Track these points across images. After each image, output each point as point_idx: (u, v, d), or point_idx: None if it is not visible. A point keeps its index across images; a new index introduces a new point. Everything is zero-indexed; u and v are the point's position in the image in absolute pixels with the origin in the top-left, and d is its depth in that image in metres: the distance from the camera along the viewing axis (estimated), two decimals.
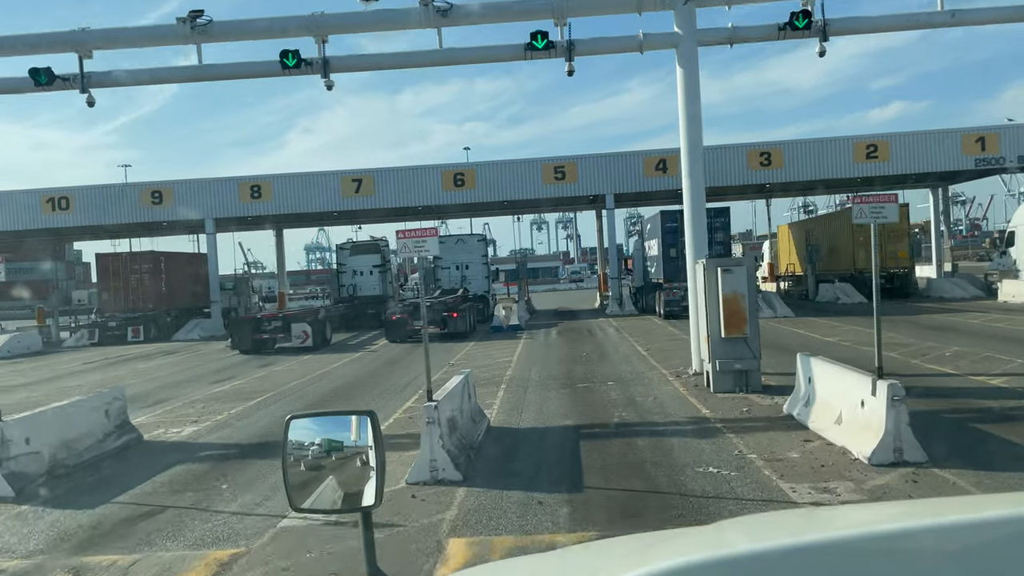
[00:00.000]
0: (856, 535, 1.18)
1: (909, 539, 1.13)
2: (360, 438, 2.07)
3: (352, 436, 2.08)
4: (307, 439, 2.10)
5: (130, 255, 36.58)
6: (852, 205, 9.25)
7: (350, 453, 2.08)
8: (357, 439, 2.08)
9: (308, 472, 2.08)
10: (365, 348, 24.93)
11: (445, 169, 36.05)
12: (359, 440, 2.07)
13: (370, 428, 2.06)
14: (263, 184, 36.13)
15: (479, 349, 22.15)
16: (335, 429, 2.13)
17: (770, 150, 35.15)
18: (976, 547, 1.10)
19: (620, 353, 19.39)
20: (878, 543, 1.12)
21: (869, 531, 1.18)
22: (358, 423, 2.08)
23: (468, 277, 36.16)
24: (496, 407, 12.66)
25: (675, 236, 28.43)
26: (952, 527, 1.14)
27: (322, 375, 18.45)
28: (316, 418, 2.23)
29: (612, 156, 35.89)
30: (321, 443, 2.09)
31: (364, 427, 2.07)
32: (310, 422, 2.17)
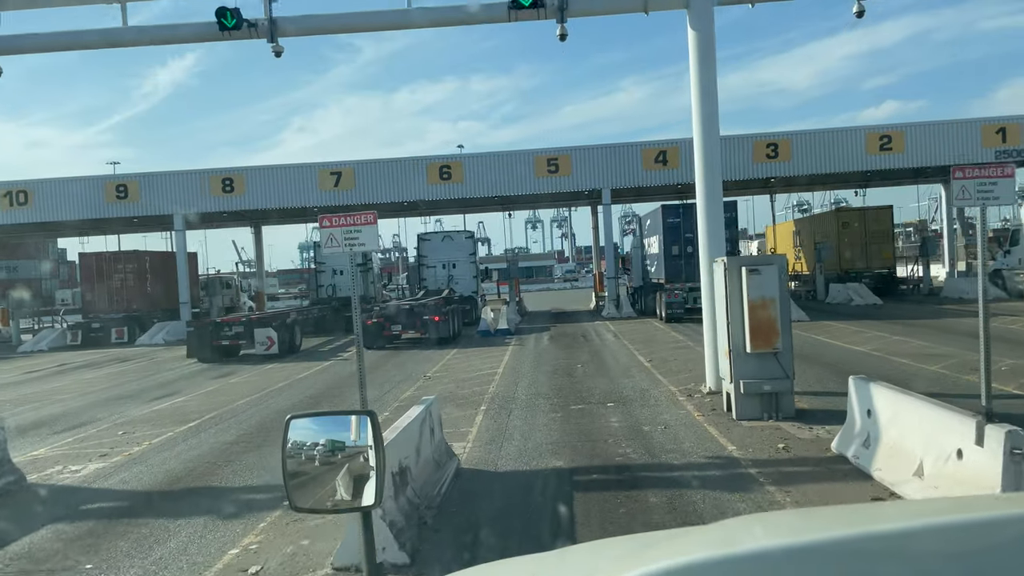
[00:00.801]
0: (857, 535, 1.16)
1: (911, 539, 1.12)
2: (360, 438, 2.08)
3: (352, 436, 2.09)
4: (307, 439, 2.10)
5: (114, 255, 35.00)
6: (952, 181, 6.96)
7: (350, 453, 2.07)
8: (357, 439, 2.08)
9: (308, 472, 2.08)
10: (337, 356, 22.60)
11: (431, 162, 33.72)
12: (359, 440, 2.08)
13: (370, 428, 2.07)
14: (236, 177, 33.77)
15: (462, 358, 19.85)
16: (335, 429, 2.14)
17: (777, 141, 32.91)
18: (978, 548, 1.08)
19: (620, 364, 17.10)
20: (880, 543, 1.11)
21: (871, 531, 1.16)
22: (358, 423, 2.09)
23: (455, 277, 33.85)
24: (471, 437, 10.36)
25: (677, 232, 26.19)
26: (954, 527, 1.13)
27: (281, 389, 16.12)
28: (316, 418, 2.21)
29: (609, 147, 33.59)
30: (321, 443, 2.09)
31: (364, 427, 2.08)
32: (310, 422, 2.16)
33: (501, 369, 17.05)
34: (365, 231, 6.77)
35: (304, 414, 2.15)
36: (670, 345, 19.98)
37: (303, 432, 2.12)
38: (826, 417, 10.35)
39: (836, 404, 11.30)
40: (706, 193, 13.19)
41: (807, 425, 9.97)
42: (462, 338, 24.98)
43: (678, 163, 32.88)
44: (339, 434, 2.10)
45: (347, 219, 6.79)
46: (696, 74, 12.97)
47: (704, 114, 13.06)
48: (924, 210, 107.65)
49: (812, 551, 1.12)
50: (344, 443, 2.09)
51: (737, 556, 1.12)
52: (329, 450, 2.08)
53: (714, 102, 13.24)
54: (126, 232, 44.00)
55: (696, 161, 13.45)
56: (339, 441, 2.09)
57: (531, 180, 33.40)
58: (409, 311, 23.02)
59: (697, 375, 14.22)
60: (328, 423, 2.22)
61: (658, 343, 20.69)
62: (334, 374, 18.20)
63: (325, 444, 2.09)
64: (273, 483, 8.73)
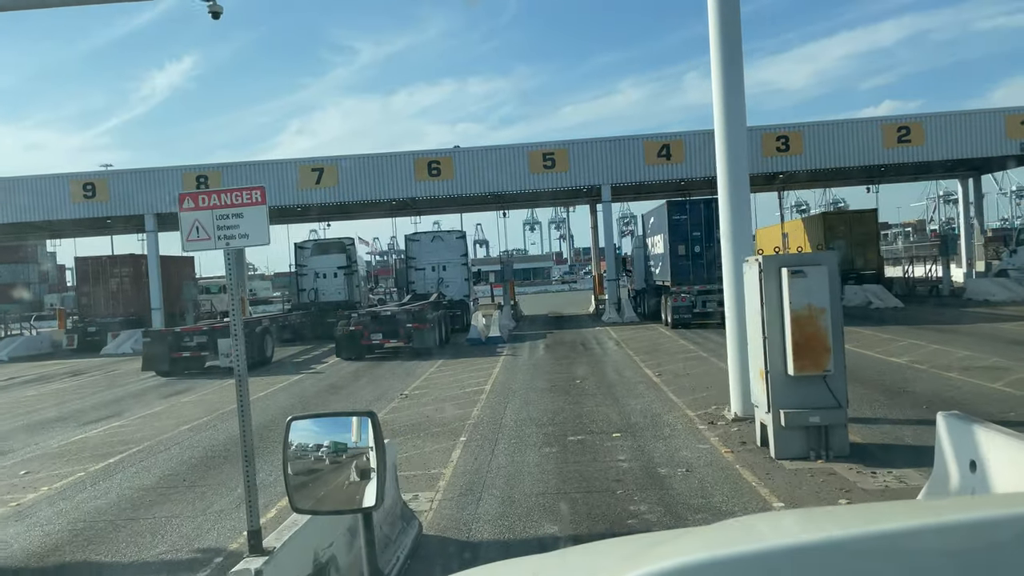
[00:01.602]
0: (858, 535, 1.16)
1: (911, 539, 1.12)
2: (361, 439, 2.06)
3: (353, 437, 2.08)
4: (308, 440, 2.09)
5: (110, 258, 33.73)
6: None
7: (351, 454, 2.06)
8: (358, 440, 2.07)
9: (309, 474, 2.07)
10: (310, 368, 20.46)
11: (419, 156, 31.61)
12: (360, 441, 2.07)
13: (371, 429, 2.05)
14: (211, 175, 31.57)
15: (447, 371, 17.71)
16: (336, 430, 2.12)
17: (788, 133, 30.80)
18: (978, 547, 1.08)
19: (624, 379, 14.97)
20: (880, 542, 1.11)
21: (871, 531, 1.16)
22: (359, 424, 2.08)
23: (445, 279, 31.73)
24: (443, 484, 8.23)
25: (684, 230, 24.08)
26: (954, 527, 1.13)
27: (233, 412, 13.93)
28: (317, 419, 2.19)
29: (608, 141, 31.50)
30: (322, 444, 2.08)
31: (365, 428, 2.06)
32: (311, 423, 2.15)
33: (489, 385, 14.92)
34: (248, 216, 4.59)
35: (305, 415, 2.14)
36: (680, 356, 17.85)
37: (304, 433, 2.11)
38: (888, 455, 8.24)
39: (896, 436, 9.21)
40: (731, 181, 11.11)
41: (868, 468, 7.84)
42: (450, 347, 22.85)
43: (682, 157, 30.83)
44: (340, 435, 2.10)
45: (221, 198, 4.62)
46: (717, 35, 10.88)
47: (726, 84, 10.98)
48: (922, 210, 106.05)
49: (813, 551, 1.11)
50: (345, 444, 2.07)
51: (739, 556, 1.10)
52: (330, 451, 2.08)
53: (739, 82, 11.17)
54: (96, 235, 41.74)
55: (718, 149, 11.39)
56: (340, 442, 2.08)
57: (526, 176, 31.32)
58: (390, 318, 20.89)
59: (717, 395, 12.11)
60: (329, 424, 2.19)
61: (666, 353, 18.56)
62: (298, 392, 16.05)
63: (326, 445, 2.08)
64: (174, 557, 6.63)
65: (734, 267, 10.73)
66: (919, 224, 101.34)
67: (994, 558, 1.08)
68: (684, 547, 1.21)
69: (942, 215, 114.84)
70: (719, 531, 1.37)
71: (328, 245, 33.07)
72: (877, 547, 1.11)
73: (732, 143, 11.05)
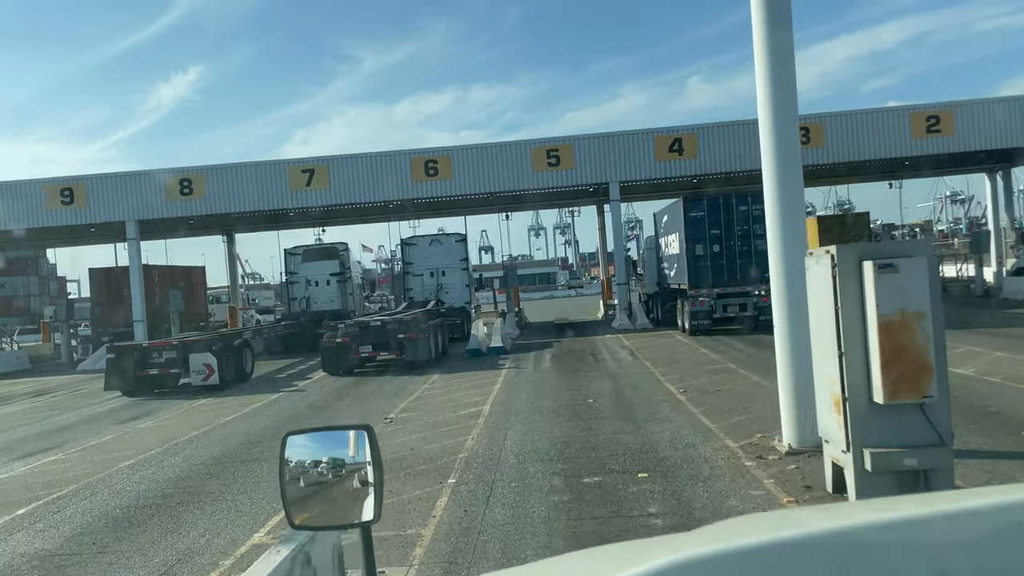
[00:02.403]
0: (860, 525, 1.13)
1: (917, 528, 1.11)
2: (358, 453, 2.03)
3: (350, 452, 2.05)
4: (304, 456, 2.06)
5: (123, 269, 32.53)
6: None
7: (348, 469, 2.03)
8: (355, 454, 2.04)
9: (306, 489, 2.04)
10: (292, 385, 18.47)
11: (415, 156, 29.68)
12: (357, 455, 2.03)
13: (368, 443, 2.02)
14: (194, 177, 29.76)
15: (441, 388, 15.72)
16: (333, 445, 2.09)
17: (809, 125, 28.68)
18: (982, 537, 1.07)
19: (644, 397, 12.94)
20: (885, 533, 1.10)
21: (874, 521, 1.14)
22: (356, 438, 2.05)
23: (445, 285, 29.79)
24: (419, 553, 6.22)
25: (702, 229, 22.04)
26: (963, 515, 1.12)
27: (189, 441, 11.98)
28: (313, 434, 2.13)
29: (616, 136, 29.53)
30: (318, 459, 2.05)
31: (362, 442, 2.03)
32: (307, 439, 2.10)
33: (488, 406, 12.92)
34: None
35: (301, 431, 2.10)
36: (704, 368, 15.82)
37: (300, 449, 2.07)
38: None
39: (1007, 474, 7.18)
40: (779, 164, 9.07)
41: None
42: (448, 359, 20.86)
43: (696, 152, 28.85)
44: (337, 450, 2.06)
45: None
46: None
47: (772, 45, 8.94)
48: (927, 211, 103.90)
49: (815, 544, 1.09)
50: (343, 459, 2.05)
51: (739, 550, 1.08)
52: (327, 466, 2.04)
53: (789, 51, 9.14)
54: (85, 243, 39.91)
55: (762, 131, 9.31)
56: (337, 457, 2.05)
57: (529, 175, 29.36)
58: (381, 328, 18.90)
59: (759, 418, 10.09)
60: (326, 439, 2.13)
61: (687, 364, 16.53)
62: (271, 416, 14.05)
63: (323, 461, 2.05)
64: None
65: (784, 263, 8.71)
66: (926, 224, 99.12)
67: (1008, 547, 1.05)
68: (685, 545, 1.13)
69: (949, 215, 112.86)
70: (722, 529, 1.25)
71: (320, 251, 31.19)
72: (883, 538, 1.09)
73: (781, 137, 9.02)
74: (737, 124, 29.34)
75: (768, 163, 9.13)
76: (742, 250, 21.71)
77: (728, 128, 28.97)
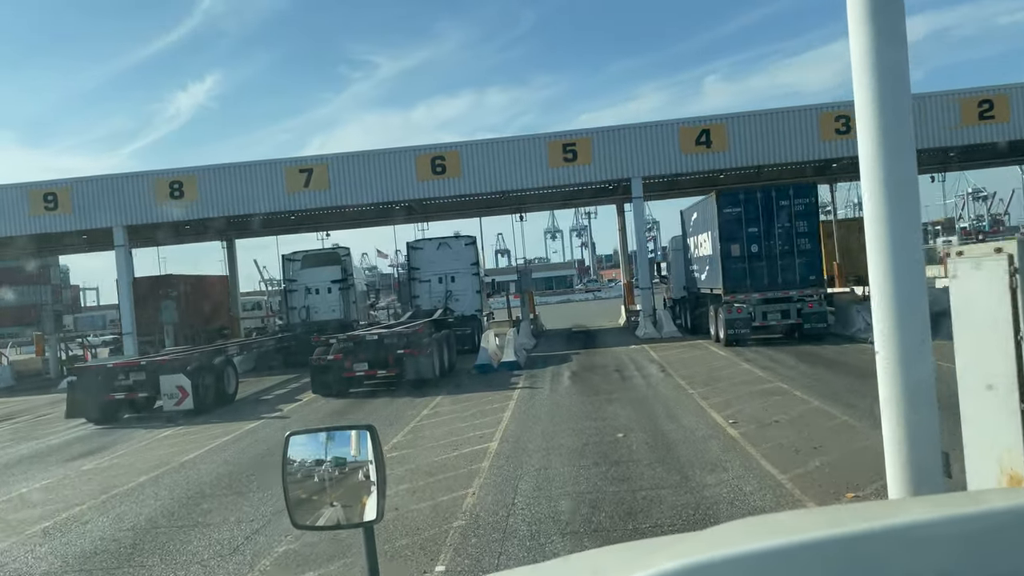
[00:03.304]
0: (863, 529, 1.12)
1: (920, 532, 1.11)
2: (360, 453, 2.03)
3: (352, 451, 2.04)
4: (307, 456, 2.06)
5: (153, 279, 33.21)
6: None
7: (351, 468, 2.03)
8: (357, 454, 2.03)
9: (309, 489, 2.04)
10: (277, 409, 16.31)
11: (421, 152, 27.54)
12: (359, 455, 2.03)
13: (370, 443, 2.01)
14: (185, 180, 27.78)
15: (442, 415, 13.49)
16: (335, 445, 2.07)
17: (849, 113, 26.31)
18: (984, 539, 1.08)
19: (686, 430, 10.64)
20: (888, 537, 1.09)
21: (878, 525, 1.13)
22: (358, 438, 2.04)
23: (454, 292, 27.61)
24: None
25: (738, 226, 19.69)
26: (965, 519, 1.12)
27: (130, 492, 9.80)
28: (315, 434, 2.12)
29: (638, 128, 27.25)
30: (321, 459, 2.04)
31: (364, 442, 2.03)
32: (309, 439, 2.09)
33: (496, 443, 10.68)
34: None
35: (304, 431, 2.09)
36: (751, 389, 13.50)
37: (303, 449, 2.06)
38: None
39: None
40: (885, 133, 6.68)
41: None
42: (455, 375, 18.65)
43: (725, 144, 26.51)
44: (339, 450, 2.05)
45: None
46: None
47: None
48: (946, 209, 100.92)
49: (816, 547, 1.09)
50: (344, 459, 2.04)
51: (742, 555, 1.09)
52: (329, 466, 2.03)
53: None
54: (73, 252, 38.10)
55: (860, 90, 6.94)
56: (339, 457, 2.04)
57: (544, 171, 27.13)
58: (378, 343, 16.71)
59: (839, 463, 7.82)
60: (328, 439, 2.10)
61: (729, 384, 14.22)
62: (238, 453, 11.85)
63: (325, 460, 2.04)
64: None
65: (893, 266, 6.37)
66: (947, 223, 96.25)
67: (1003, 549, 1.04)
68: (688, 548, 1.16)
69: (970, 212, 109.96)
70: (724, 532, 1.28)
71: (320, 256, 29.05)
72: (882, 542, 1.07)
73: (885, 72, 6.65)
74: (768, 114, 27.02)
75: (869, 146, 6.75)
76: (783, 250, 19.34)
77: (759, 118, 26.63)
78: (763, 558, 1.08)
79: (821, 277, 19.51)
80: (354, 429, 2.05)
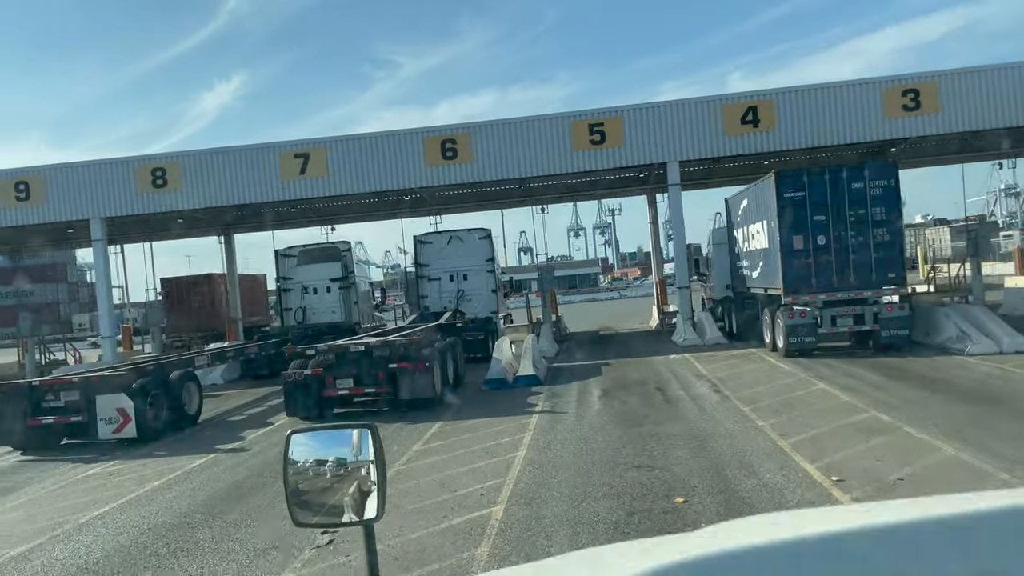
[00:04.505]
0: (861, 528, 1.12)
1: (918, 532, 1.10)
2: (361, 452, 2.01)
3: (353, 450, 2.02)
4: (308, 455, 2.06)
5: (191, 279, 33.25)
6: None
7: (351, 467, 2.01)
8: (358, 453, 2.01)
9: (310, 487, 2.04)
10: (239, 437, 13.29)
11: (429, 135, 24.53)
12: (360, 454, 2.01)
13: (371, 441, 2.00)
14: (169, 167, 25.00)
15: (438, 452, 10.40)
16: (336, 444, 2.08)
17: (919, 86, 22.98)
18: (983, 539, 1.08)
19: (773, 490, 7.46)
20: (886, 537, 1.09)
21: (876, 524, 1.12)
22: (359, 437, 2.02)
23: (467, 292, 24.60)
24: None
25: (802, 213, 16.43)
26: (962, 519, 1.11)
27: None
28: (316, 433, 2.12)
29: (674, 105, 24.02)
30: (322, 458, 2.04)
31: (365, 441, 2.01)
32: (310, 437, 2.08)
33: (501, 506, 7.59)
34: None
35: (304, 429, 2.08)
36: (842, 420, 10.26)
37: (304, 448, 2.05)
38: None
39: None
40: None
41: None
42: (463, 390, 15.62)
43: (774, 122, 23.24)
44: (340, 449, 2.04)
45: None
46: None
47: None
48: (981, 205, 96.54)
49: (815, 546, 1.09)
50: (345, 458, 2.02)
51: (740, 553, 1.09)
52: (330, 465, 2.02)
53: None
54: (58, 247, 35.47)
55: None
56: (340, 456, 2.03)
57: (568, 155, 23.98)
58: (365, 356, 13.66)
59: None
60: (329, 438, 2.12)
61: (811, 414, 10.99)
62: (164, 509, 8.82)
63: (326, 459, 2.03)
64: None
65: None
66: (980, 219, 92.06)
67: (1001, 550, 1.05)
68: (688, 546, 1.14)
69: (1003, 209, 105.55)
70: (724, 531, 1.25)
71: (318, 252, 26.06)
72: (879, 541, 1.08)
73: None
74: (824, 88, 23.63)
75: None
76: (857, 242, 16.06)
77: (813, 94, 23.30)
78: (762, 556, 1.07)
79: (902, 274, 16.19)
80: (355, 428, 2.03)
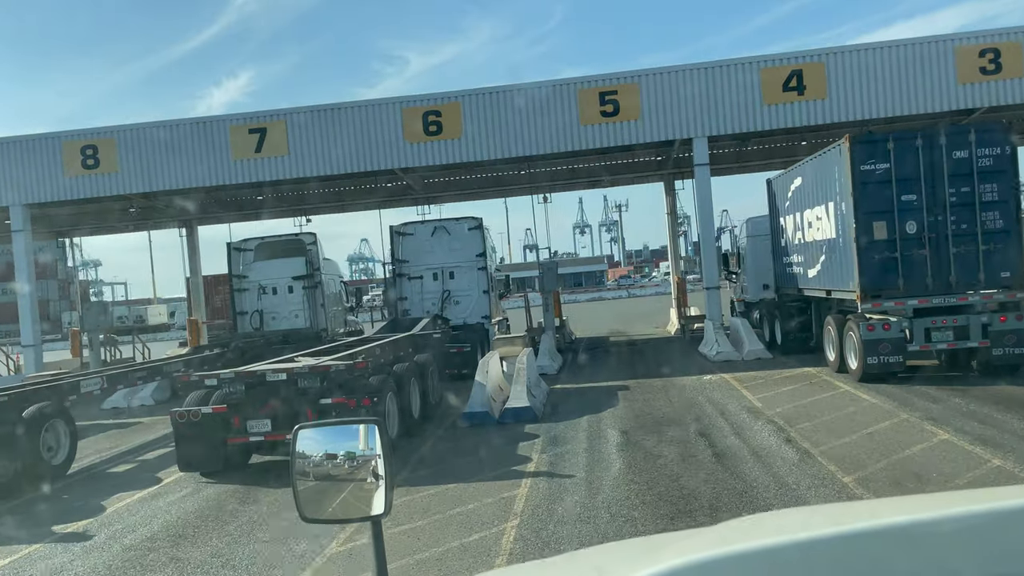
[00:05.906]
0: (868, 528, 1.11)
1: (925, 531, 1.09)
2: (368, 447, 2.02)
3: (360, 445, 2.04)
4: (316, 450, 2.06)
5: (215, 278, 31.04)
6: None
7: (359, 462, 2.03)
8: (365, 448, 2.03)
9: (317, 482, 2.04)
10: (106, 503, 9.30)
11: (409, 105, 20.55)
12: (367, 449, 2.02)
13: (378, 436, 2.02)
14: (102, 144, 21.14)
15: (366, 558, 6.45)
16: (343, 439, 2.09)
17: (1000, 45, 18.92)
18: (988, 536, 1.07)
19: None
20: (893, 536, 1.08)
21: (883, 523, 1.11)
22: (366, 432, 2.04)
23: (454, 292, 20.69)
24: None
25: (886, 192, 12.29)
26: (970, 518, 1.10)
27: None
28: (324, 428, 2.18)
29: (701, 69, 19.98)
30: (329, 453, 2.05)
31: (372, 436, 2.03)
32: (318, 432, 2.11)
33: None
34: None
35: (312, 424, 2.10)
36: None
37: (311, 443, 2.05)
38: None
39: None
40: None
41: None
42: (431, 427, 11.62)
43: (824, 90, 19.24)
44: (347, 444, 2.05)
45: None
46: None
47: None
48: None
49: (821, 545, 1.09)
50: (353, 452, 2.04)
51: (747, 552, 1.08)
52: (338, 460, 2.04)
53: None
54: None
55: None
56: (348, 451, 2.04)
57: (574, 130, 20.00)
58: (286, 387, 9.62)
59: None
60: (336, 433, 2.14)
61: (938, 481, 6.99)
62: None
63: (333, 454, 2.04)
64: None
65: None
66: None
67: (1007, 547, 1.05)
68: (694, 545, 1.15)
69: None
70: (729, 529, 1.28)
71: (277, 245, 21.99)
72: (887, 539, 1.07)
73: None
74: (883, 47, 19.62)
75: None
76: (960, 231, 12.00)
77: (870, 54, 19.30)
78: (768, 555, 1.07)
79: (1022, 273, 12.12)
80: (362, 423, 2.04)
